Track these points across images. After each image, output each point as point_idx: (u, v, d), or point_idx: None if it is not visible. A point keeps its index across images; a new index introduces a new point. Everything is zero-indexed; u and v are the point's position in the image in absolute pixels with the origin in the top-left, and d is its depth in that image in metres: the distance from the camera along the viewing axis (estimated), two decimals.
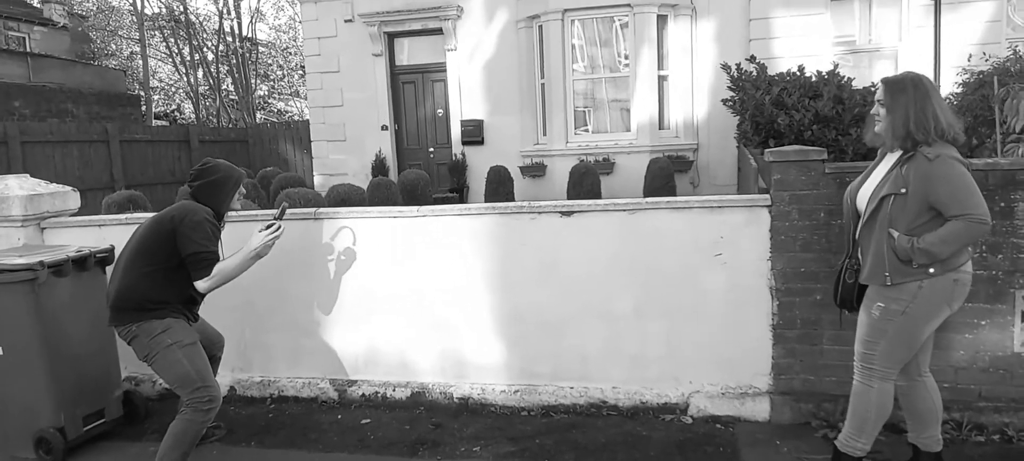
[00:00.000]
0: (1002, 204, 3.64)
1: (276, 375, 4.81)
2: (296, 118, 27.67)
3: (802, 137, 6.51)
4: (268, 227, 3.70)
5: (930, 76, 3.17)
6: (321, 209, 4.67)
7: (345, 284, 4.58)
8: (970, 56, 8.53)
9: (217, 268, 3.53)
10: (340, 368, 4.70)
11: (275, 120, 27.42)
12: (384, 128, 12.46)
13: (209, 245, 3.53)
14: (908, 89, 2.96)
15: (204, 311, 3.88)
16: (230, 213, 3.88)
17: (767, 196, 4.01)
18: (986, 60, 8.06)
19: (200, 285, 3.54)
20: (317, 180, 12.83)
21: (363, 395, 4.63)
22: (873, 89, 6.90)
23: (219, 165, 3.74)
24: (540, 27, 11.09)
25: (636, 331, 4.24)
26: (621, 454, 3.78)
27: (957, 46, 9.33)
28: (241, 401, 4.74)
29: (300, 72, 27.07)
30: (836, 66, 7.51)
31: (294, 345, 4.75)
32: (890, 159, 3.11)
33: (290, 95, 31.49)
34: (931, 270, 2.92)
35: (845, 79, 7.09)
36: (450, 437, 4.10)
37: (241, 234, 3.98)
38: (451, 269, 4.45)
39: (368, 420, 4.39)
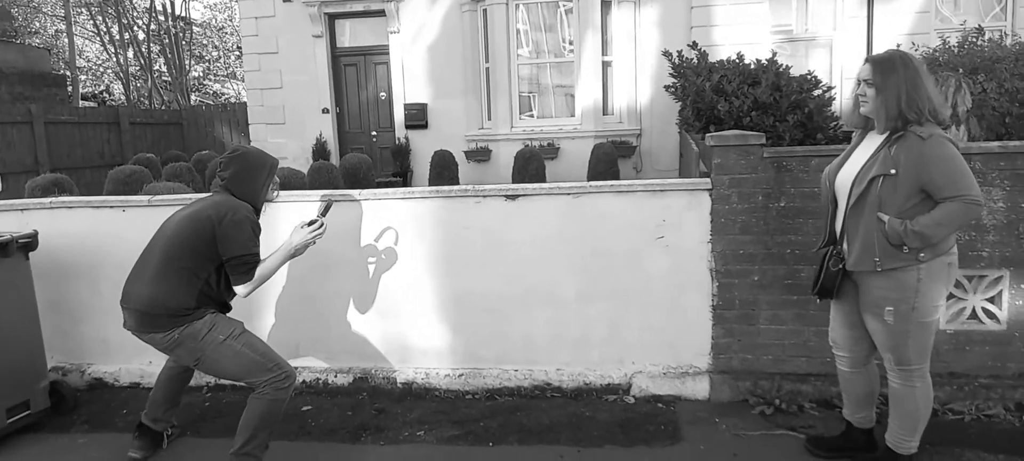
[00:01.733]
0: None
1: None
2: (233, 100, 26.86)
3: (741, 123, 6.62)
4: (310, 224, 3.46)
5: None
6: None
7: (283, 267, 4.47)
8: (899, 45, 8.81)
9: (257, 271, 3.27)
10: (279, 354, 4.58)
11: (211, 102, 26.57)
12: (325, 111, 12.21)
13: (251, 247, 3.24)
14: (899, 68, 2.86)
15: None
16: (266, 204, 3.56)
17: (708, 180, 4.08)
18: (915, 49, 8.36)
19: (240, 290, 3.27)
20: None
21: (304, 381, 4.54)
22: (809, 77, 7.06)
23: (250, 152, 3.41)
24: (484, 11, 11.02)
25: (580, 313, 4.27)
26: (565, 435, 3.81)
27: (889, 36, 9.65)
28: None
29: (237, 53, 26.29)
30: (774, 54, 7.67)
31: None
32: (872, 140, 3.02)
33: (226, 77, 30.52)
34: (921, 255, 2.84)
35: (783, 67, 7.23)
36: (394, 422, 4.06)
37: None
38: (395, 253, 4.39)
39: (309, 407, 4.31)
